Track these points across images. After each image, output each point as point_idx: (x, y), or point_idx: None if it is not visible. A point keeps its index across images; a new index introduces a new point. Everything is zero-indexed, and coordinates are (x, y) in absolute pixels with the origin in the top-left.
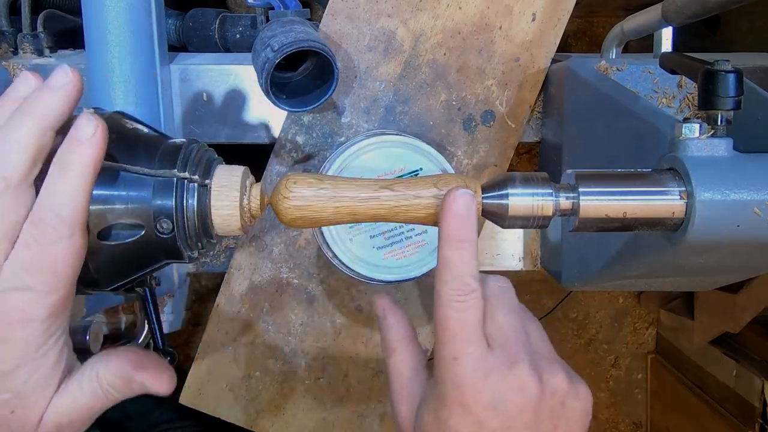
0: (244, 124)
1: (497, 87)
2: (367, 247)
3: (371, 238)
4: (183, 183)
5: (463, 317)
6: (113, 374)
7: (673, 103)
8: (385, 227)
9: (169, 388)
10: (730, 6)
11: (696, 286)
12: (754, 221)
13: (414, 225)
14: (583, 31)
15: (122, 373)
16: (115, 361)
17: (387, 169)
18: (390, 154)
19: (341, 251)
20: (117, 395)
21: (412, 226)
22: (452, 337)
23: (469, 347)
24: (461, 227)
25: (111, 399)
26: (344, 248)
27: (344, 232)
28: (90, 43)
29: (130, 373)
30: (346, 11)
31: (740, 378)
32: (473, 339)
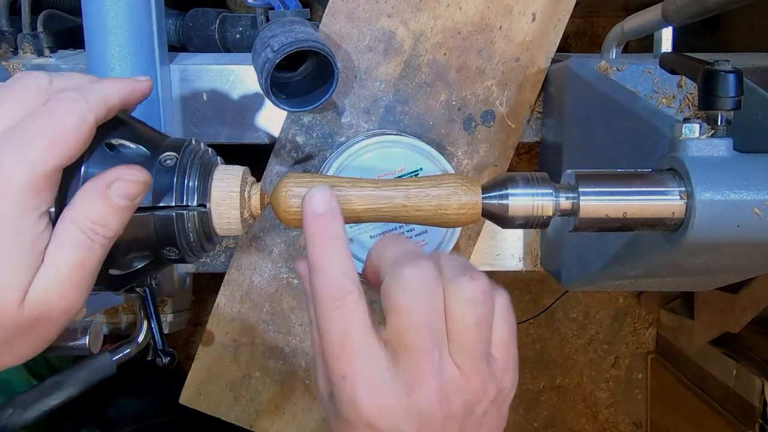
0: (244, 124)
1: (497, 87)
2: (367, 247)
3: (371, 238)
4: (186, 161)
5: (343, 327)
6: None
7: (673, 103)
8: (385, 227)
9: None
10: (730, 6)
11: (696, 286)
12: (754, 221)
13: (414, 225)
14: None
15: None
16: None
17: (387, 169)
18: (390, 154)
19: None
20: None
21: (411, 226)
22: (336, 352)
23: (356, 362)
24: (323, 225)
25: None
26: None
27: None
28: (90, 43)
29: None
30: (346, 11)
31: (740, 378)
32: (360, 352)
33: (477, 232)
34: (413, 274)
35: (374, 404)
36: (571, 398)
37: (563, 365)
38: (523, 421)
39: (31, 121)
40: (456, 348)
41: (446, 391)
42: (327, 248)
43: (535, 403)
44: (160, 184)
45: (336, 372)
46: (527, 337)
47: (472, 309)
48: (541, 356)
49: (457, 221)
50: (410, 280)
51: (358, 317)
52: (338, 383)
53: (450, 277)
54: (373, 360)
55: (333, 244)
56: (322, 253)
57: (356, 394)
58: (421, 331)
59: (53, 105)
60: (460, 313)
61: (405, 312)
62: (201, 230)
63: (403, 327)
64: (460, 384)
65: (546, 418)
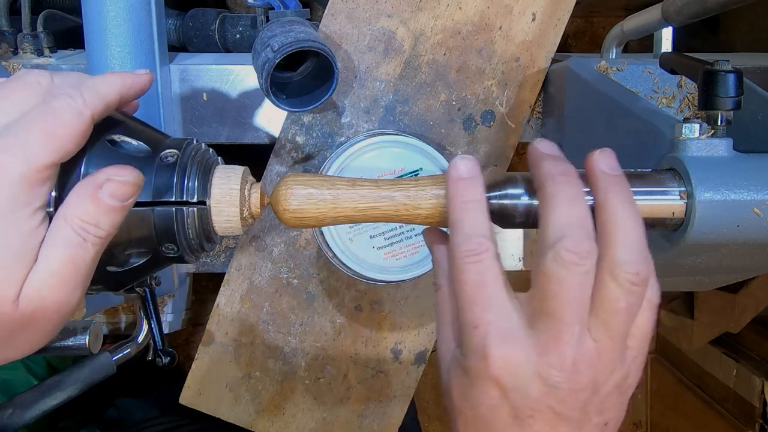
0: (244, 124)
1: (497, 87)
2: (367, 247)
3: (371, 238)
4: (186, 164)
5: (479, 279)
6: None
7: (673, 103)
8: (385, 227)
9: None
10: (730, 6)
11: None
12: (754, 221)
13: (414, 225)
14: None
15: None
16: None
17: (387, 169)
18: (390, 154)
19: (341, 251)
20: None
21: (411, 227)
22: (471, 303)
23: (489, 314)
24: (464, 188)
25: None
26: (344, 248)
27: (344, 232)
28: (90, 43)
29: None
30: (346, 11)
31: (740, 378)
32: (494, 305)
33: None
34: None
35: (503, 357)
36: None
37: None
38: None
39: (27, 116)
40: (598, 325)
41: (578, 362)
42: (468, 209)
43: None
44: (161, 181)
45: (469, 322)
46: None
47: (627, 296)
48: None
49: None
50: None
51: (495, 272)
52: (469, 333)
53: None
54: (508, 314)
55: (474, 206)
56: (462, 213)
57: (487, 343)
58: (569, 305)
59: (49, 100)
60: (613, 294)
61: (556, 282)
62: (200, 229)
63: (550, 295)
64: (593, 359)
65: None
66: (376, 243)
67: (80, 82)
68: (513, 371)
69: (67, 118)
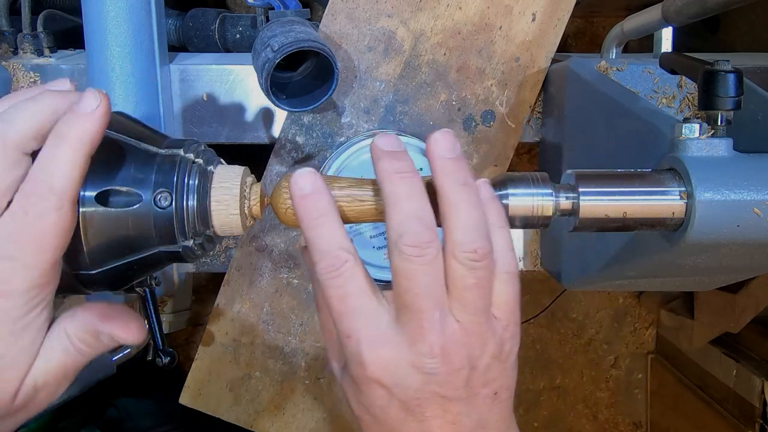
0: (244, 124)
1: (497, 87)
2: (367, 247)
3: (371, 238)
4: (186, 162)
5: (341, 293)
6: (81, 329)
7: (673, 103)
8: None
9: (138, 337)
10: (730, 6)
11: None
12: (754, 221)
13: None
14: (583, 31)
15: (89, 326)
16: (81, 315)
17: None
18: None
19: None
20: (89, 350)
21: None
22: (340, 316)
23: (356, 323)
24: (310, 205)
25: (85, 355)
26: None
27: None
28: (90, 43)
29: (96, 326)
30: (346, 11)
31: (740, 378)
32: (360, 313)
33: None
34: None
35: (377, 358)
36: (571, 398)
37: (563, 365)
38: (523, 421)
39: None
40: (456, 305)
41: (446, 344)
42: (318, 226)
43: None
44: (161, 181)
45: (342, 333)
46: (527, 337)
47: (472, 272)
48: (541, 356)
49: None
50: (412, 249)
51: (356, 282)
52: (345, 344)
53: (453, 241)
54: (374, 318)
55: (323, 221)
56: (314, 232)
57: (360, 349)
58: (421, 294)
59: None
60: (459, 273)
61: (405, 277)
62: (200, 228)
63: (404, 289)
64: (460, 338)
65: (546, 418)
66: (376, 243)
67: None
68: (390, 369)
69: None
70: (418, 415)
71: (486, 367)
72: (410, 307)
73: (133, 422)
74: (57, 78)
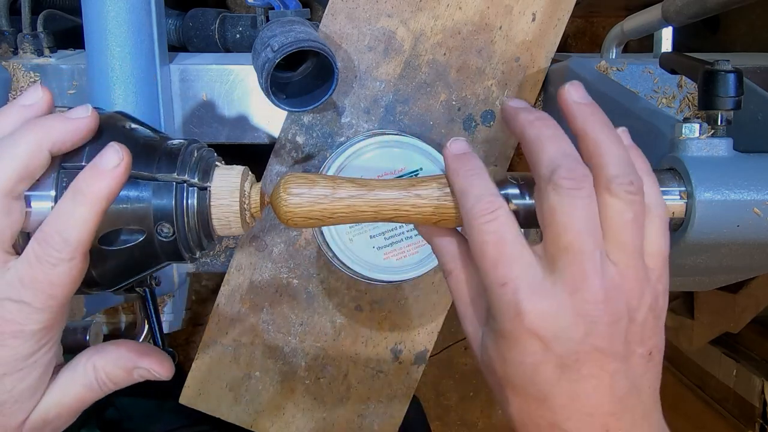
0: (244, 124)
1: (497, 87)
2: (367, 247)
3: (371, 238)
4: (182, 187)
5: (498, 237)
6: (115, 365)
7: (673, 103)
8: (385, 227)
9: (170, 373)
10: (730, 6)
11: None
12: (754, 221)
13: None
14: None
15: (126, 363)
16: (115, 352)
17: (387, 169)
18: (390, 154)
19: (341, 251)
20: (113, 386)
21: (411, 226)
22: (494, 263)
23: (515, 269)
24: (465, 160)
25: (105, 390)
26: (344, 248)
27: (344, 232)
28: (90, 43)
29: (135, 362)
30: (346, 11)
31: (740, 378)
32: (517, 259)
33: None
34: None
35: (536, 307)
36: None
37: None
38: None
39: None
40: (612, 246)
41: (608, 290)
42: (472, 175)
43: None
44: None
45: (496, 281)
46: None
47: (629, 206)
48: None
49: (453, 222)
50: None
51: (513, 228)
52: (498, 293)
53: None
54: (531, 267)
55: (477, 173)
56: (468, 179)
57: (518, 298)
58: (582, 231)
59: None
60: (617, 209)
61: (563, 213)
62: (200, 226)
63: (563, 228)
64: (619, 283)
65: None
66: (376, 243)
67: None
68: (550, 320)
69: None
70: (574, 372)
71: (643, 320)
72: (569, 248)
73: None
74: (57, 78)
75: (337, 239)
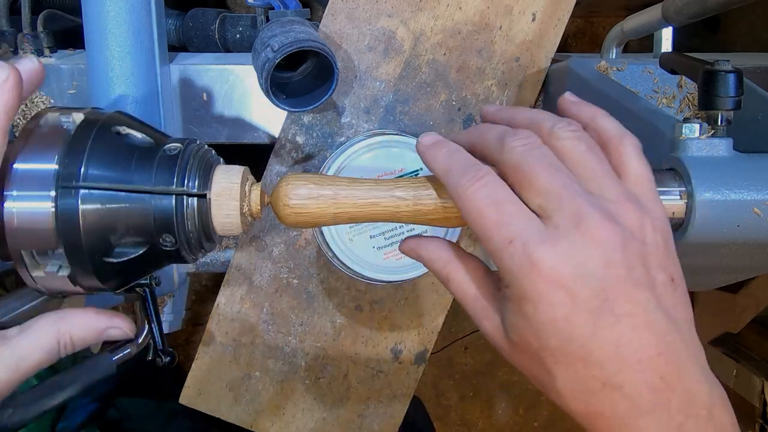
0: (244, 124)
1: (497, 87)
2: (367, 247)
3: (371, 238)
4: (182, 199)
5: (493, 200)
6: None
7: (673, 103)
8: (385, 227)
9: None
10: (730, 6)
11: (696, 286)
12: (754, 221)
13: (414, 225)
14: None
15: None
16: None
17: (387, 169)
18: (390, 154)
19: (341, 251)
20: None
21: (411, 227)
22: (496, 224)
23: (518, 224)
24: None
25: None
26: (344, 248)
27: (344, 232)
28: (90, 43)
29: (106, 323)
30: (346, 11)
31: (740, 378)
32: (518, 214)
33: None
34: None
35: (550, 255)
36: None
37: None
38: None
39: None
40: (585, 179)
41: (606, 214)
42: (449, 156)
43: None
44: (162, 175)
45: (502, 241)
46: None
47: (579, 140)
48: None
49: (457, 221)
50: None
51: (504, 188)
52: (507, 253)
53: (547, 130)
54: (533, 219)
55: (453, 152)
56: (448, 158)
57: (529, 250)
58: (553, 172)
59: None
60: (569, 146)
61: (528, 164)
62: (200, 226)
63: (535, 177)
64: (611, 207)
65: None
66: (376, 243)
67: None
68: (566, 261)
69: None
70: (607, 315)
71: (653, 242)
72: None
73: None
74: (57, 78)
75: (337, 239)
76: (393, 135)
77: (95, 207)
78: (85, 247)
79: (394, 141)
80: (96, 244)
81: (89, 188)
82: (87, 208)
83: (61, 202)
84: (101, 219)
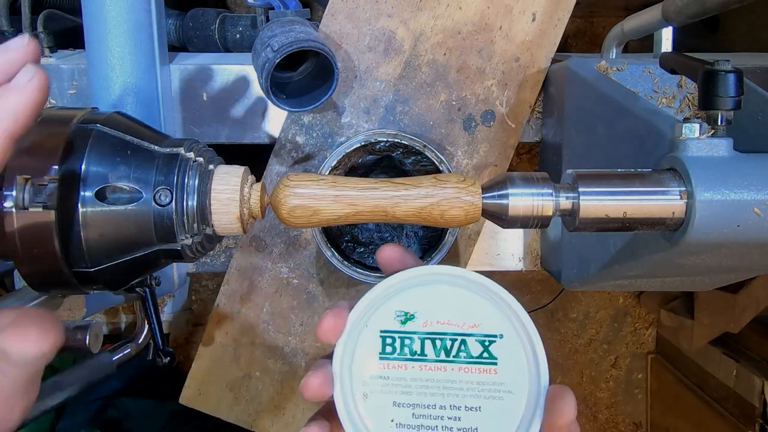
0: (244, 124)
1: (497, 87)
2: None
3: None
4: (187, 161)
5: None
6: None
7: (673, 103)
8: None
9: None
10: (730, 6)
11: (696, 286)
12: (754, 221)
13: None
14: (583, 31)
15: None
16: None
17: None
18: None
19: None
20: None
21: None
22: None
23: None
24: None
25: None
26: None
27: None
28: (90, 43)
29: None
30: (346, 11)
31: (740, 378)
32: None
33: (477, 232)
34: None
35: None
36: None
37: (563, 365)
38: None
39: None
40: None
41: None
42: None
43: None
44: (161, 179)
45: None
46: None
47: None
48: None
49: (457, 221)
50: None
51: None
52: None
53: None
54: None
55: None
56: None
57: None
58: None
59: None
60: None
61: None
62: (200, 227)
63: None
64: None
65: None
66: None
67: None
68: None
69: None
70: None
71: None
72: None
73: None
74: (57, 78)
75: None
76: (392, 135)
77: (96, 209)
78: (85, 248)
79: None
80: (96, 244)
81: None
82: (88, 210)
83: (61, 203)
84: (101, 220)
